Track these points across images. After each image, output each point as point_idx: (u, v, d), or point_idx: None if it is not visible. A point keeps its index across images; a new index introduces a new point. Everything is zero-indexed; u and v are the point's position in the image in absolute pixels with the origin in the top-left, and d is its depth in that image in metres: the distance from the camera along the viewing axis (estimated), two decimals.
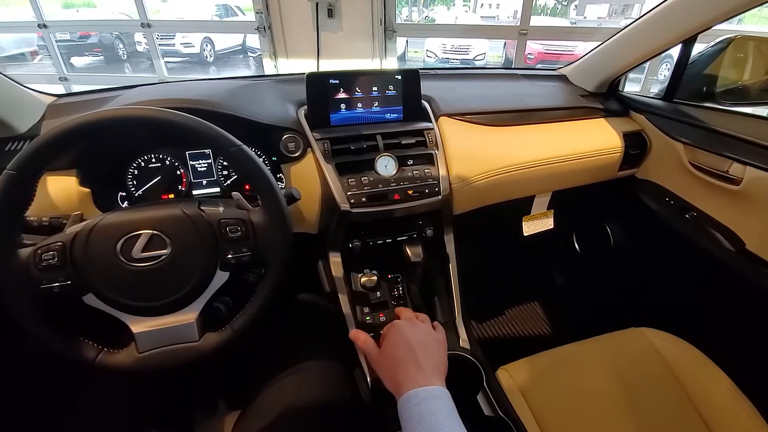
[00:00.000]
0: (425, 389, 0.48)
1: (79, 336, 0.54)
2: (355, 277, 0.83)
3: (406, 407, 0.47)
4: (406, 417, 0.46)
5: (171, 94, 0.74)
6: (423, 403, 0.46)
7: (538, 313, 1.39)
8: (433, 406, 0.46)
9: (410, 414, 0.46)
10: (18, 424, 0.78)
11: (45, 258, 0.50)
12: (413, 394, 0.48)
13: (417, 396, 0.47)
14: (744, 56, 0.92)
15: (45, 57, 6.01)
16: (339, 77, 0.79)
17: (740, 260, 0.82)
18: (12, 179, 0.48)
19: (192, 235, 0.54)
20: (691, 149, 0.92)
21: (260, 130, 0.74)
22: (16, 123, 0.72)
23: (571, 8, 11.08)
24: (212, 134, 0.54)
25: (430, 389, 0.48)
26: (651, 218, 1.03)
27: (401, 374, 0.51)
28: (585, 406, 0.73)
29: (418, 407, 0.46)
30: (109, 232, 0.52)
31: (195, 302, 0.56)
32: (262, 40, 3.31)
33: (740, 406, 0.71)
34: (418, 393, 0.48)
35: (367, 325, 0.81)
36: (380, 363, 0.57)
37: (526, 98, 1.01)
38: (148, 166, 0.76)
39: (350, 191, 0.75)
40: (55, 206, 0.65)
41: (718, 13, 0.76)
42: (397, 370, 0.52)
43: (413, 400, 0.47)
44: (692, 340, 0.82)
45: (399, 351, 0.55)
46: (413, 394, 0.48)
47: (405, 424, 0.46)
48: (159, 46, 4.08)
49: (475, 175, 0.85)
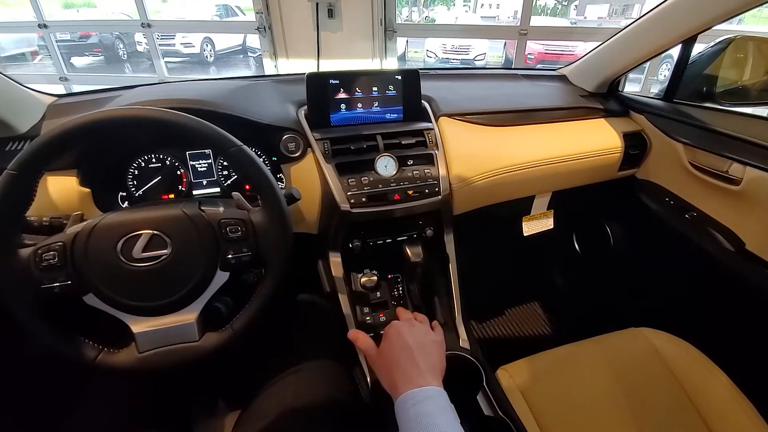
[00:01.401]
0: (422, 390, 0.48)
1: (79, 336, 0.54)
2: (355, 277, 0.83)
3: (403, 408, 0.47)
4: (402, 418, 0.46)
5: (171, 94, 0.74)
6: (420, 404, 0.46)
7: (538, 313, 1.39)
8: (430, 407, 0.46)
9: (407, 415, 0.46)
10: (18, 424, 0.78)
11: (45, 258, 0.50)
12: (410, 395, 0.47)
13: (414, 397, 0.47)
14: (744, 56, 0.92)
15: (45, 57, 6.01)
16: (339, 77, 0.79)
17: (740, 260, 0.82)
18: (12, 179, 0.48)
19: (192, 235, 0.54)
20: (691, 149, 0.92)
21: (260, 130, 0.74)
22: (17, 123, 0.72)
23: (571, 8, 11.08)
24: (212, 134, 0.54)
25: (427, 390, 0.48)
26: (651, 218, 1.03)
27: (398, 374, 0.51)
28: (585, 406, 0.73)
29: (415, 408, 0.46)
30: (109, 232, 0.52)
31: (195, 302, 0.57)
32: (263, 40, 3.31)
33: (740, 406, 0.71)
34: (416, 394, 0.47)
35: (367, 325, 0.81)
36: (378, 363, 0.57)
37: (526, 98, 1.02)
38: (149, 166, 0.76)
39: (350, 191, 0.75)
40: (56, 206, 0.65)
41: (718, 14, 0.76)
42: (395, 371, 0.52)
43: (410, 401, 0.47)
44: (692, 340, 0.82)
45: (397, 351, 0.55)
46: (410, 395, 0.47)
47: (402, 426, 0.46)
48: (159, 46, 4.09)
49: (475, 175, 0.85)
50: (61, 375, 0.82)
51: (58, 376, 0.83)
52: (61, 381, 0.83)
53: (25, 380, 0.84)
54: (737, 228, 0.84)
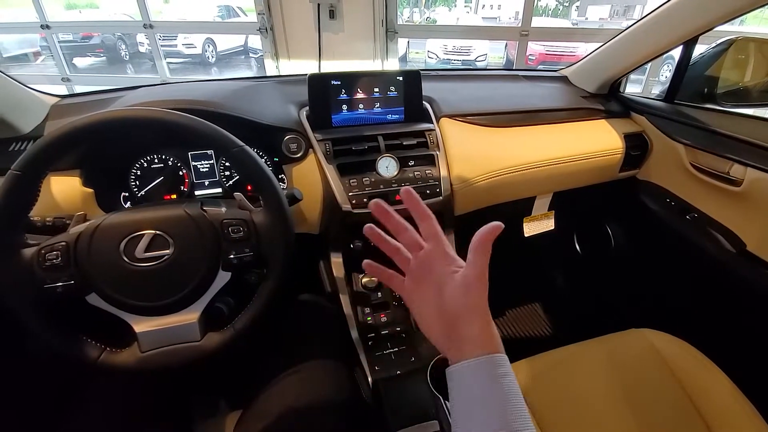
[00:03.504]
0: (503, 357, 0.36)
1: (82, 335, 0.55)
2: (356, 278, 0.84)
3: (487, 374, 0.34)
4: (487, 387, 0.34)
5: (173, 95, 0.74)
6: (509, 376, 0.35)
7: (539, 314, 1.39)
8: (514, 383, 0.35)
9: (496, 385, 0.34)
10: (19, 423, 0.79)
11: (49, 258, 0.50)
12: (499, 359, 0.35)
13: (504, 365, 0.35)
14: (745, 58, 0.92)
15: (48, 58, 6.02)
16: (341, 78, 0.79)
17: (741, 261, 0.82)
18: (16, 179, 0.48)
19: (194, 236, 0.55)
20: (692, 150, 0.92)
21: (262, 130, 0.75)
22: (20, 123, 0.72)
23: (572, 9, 11.07)
24: (214, 135, 0.54)
25: (505, 358, 0.36)
26: (652, 219, 1.03)
27: (467, 328, 0.38)
28: (585, 407, 0.73)
29: (506, 379, 0.34)
30: (112, 232, 0.53)
31: (197, 302, 0.57)
32: (264, 41, 3.32)
33: (741, 407, 0.71)
34: (501, 359, 0.35)
35: (368, 326, 0.81)
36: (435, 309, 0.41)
37: (527, 99, 1.02)
38: (151, 166, 0.77)
39: (352, 192, 0.76)
40: (59, 206, 0.65)
41: (719, 15, 0.76)
42: (461, 322, 0.38)
43: (499, 369, 0.35)
44: (693, 341, 0.82)
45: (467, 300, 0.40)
46: (499, 360, 0.35)
47: (488, 395, 0.34)
48: (161, 47, 4.10)
49: (476, 176, 0.85)
50: (62, 375, 0.82)
51: (59, 376, 0.83)
52: (63, 381, 0.83)
53: (27, 380, 0.84)
54: (738, 229, 0.84)
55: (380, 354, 0.77)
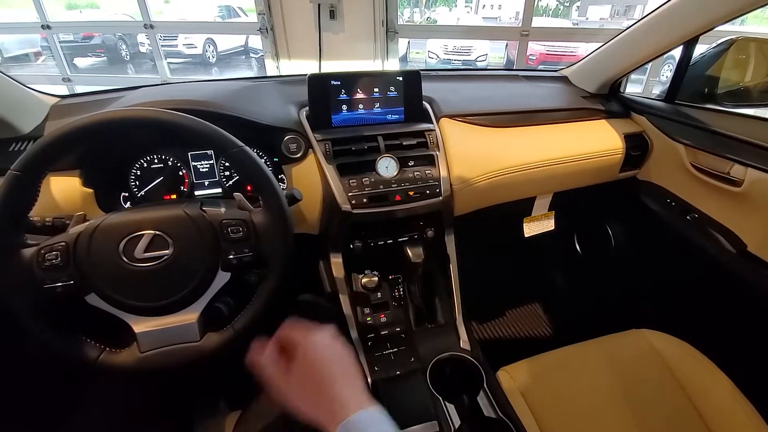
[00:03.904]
0: (368, 413, 0.40)
1: (81, 336, 0.55)
2: (355, 278, 0.84)
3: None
4: None
5: (174, 95, 0.74)
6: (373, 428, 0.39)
7: (539, 314, 1.39)
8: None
9: None
10: (19, 423, 0.79)
11: (48, 258, 0.50)
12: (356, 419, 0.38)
13: (361, 421, 0.39)
14: (746, 58, 0.92)
15: (48, 58, 6.04)
16: (340, 78, 0.79)
17: (741, 262, 0.82)
18: (16, 180, 0.48)
19: (194, 236, 0.55)
20: (692, 151, 0.92)
21: (262, 131, 0.75)
22: (20, 124, 0.72)
23: (573, 9, 11.06)
24: (214, 135, 0.54)
25: (372, 413, 0.40)
26: (652, 219, 1.03)
27: (328, 397, 0.41)
28: (585, 407, 0.73)
29: None
30: (111, 233, 0.53)
31: (197, 302, 0.57)
32: (265, 41, 3.32)
33: (741, 407, 0.71)
34: (367, 417, 0.39)
35: (367, 326, 0.81)
36: (296, 386, 0.43)
37: (527, 99, 1.02)
38: (151, 166, 0.77)
39: (351, 192, 0.76)
40: (59, 207, 0.66)
41: (719, 15, 0.76)
42: (322, 393, 0.41)
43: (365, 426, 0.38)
44: (693, 342, 0.82)
45: (326, 366, 0.43)
46: (356, 420, 0.38)
47: None
48: (162, 47, 4.10)
49: (476, 176, 0.85)
50: (62, 375, 0.83)
51: (59, 377, 0.83)
52: (63, 381, 0.83)
53: (27, 380, 0.84)
54: (739, 229, 0.84)
55: (380, 354, 0.77)
